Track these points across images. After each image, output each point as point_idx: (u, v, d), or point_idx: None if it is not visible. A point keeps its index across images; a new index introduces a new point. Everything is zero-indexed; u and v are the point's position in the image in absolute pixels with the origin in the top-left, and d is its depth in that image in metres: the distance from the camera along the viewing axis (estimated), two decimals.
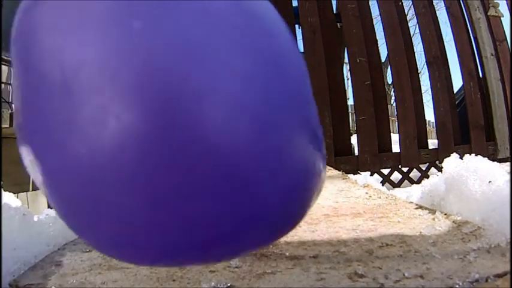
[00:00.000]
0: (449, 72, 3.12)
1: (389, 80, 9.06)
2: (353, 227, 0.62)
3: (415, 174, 3.05)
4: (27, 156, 0.23)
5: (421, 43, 3.17)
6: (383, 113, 3.10)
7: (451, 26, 3.21)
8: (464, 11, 3.24)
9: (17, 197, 1.08)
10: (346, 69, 4.89)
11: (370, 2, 3.23)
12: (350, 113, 3.94)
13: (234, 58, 0.21)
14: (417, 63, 3.18)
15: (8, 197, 0.99)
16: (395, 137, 3.07)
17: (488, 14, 3.19)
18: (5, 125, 1.08)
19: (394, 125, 5.55)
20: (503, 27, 3.21)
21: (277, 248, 0.52)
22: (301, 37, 3.20)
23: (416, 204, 0.75)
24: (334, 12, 3.28)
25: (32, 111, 0.22)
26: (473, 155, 0.75)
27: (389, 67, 5.98)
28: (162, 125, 0.19)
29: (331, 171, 1.62)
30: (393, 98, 3.83)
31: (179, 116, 0.19)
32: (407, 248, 0.49)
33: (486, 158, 0.71)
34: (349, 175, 1.41)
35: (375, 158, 3.00)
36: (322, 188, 0.28)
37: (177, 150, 0.19)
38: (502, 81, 3.06)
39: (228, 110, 0.20)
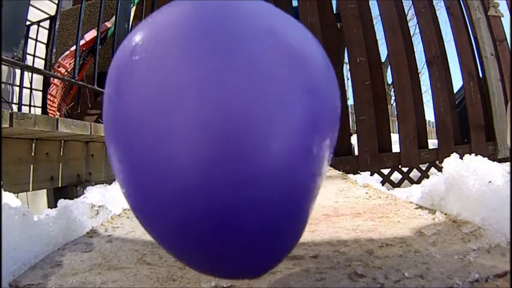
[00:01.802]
0: (449, 72, 3.12)
1: (389, 80, 9.05)
2: (353, 227, 0.62)
3: (415, 174, 3.04)
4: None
5: (421, 43, 3.17)
6: (383, 113, 3.10)
7: (451, 26, 3.20)
8: (464, 11, 3.24)
9: (17, 197, 1.08)
10: (346, 69, 4.89)
11: (370, 2, 3.23)
12: (350, 113, 3.94)
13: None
14: (417, 63, 3.18)
15: (8, 197, 0.99)
16: (395, 137, 3.07)
17: (488, 14, 3.19)
18: (5, 125, 1.08)
19: (394, 125, 5.54)
20: (503, 27, 3.21)
21: None
22: None
23: (416, 204, 0.75)
24: (334, 12, 3.29)
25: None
26: (473, 155, 0.75)
27: (389, 67, 5.98)
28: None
29: (331, 171, 1.62)
30: (393, 98, 3.83)
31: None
32: (407, 248, 0.49)
33: (486, 158, 0.71)
34: (349, 175, 1.41)
35: (375, 158, 3.00)
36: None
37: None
38: (502, 81, 3.06)
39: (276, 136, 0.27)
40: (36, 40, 2.42)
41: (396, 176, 3.05)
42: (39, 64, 2.40)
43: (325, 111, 0.30)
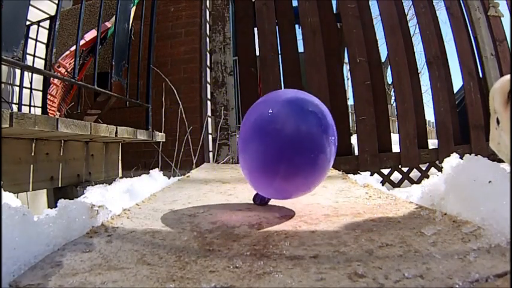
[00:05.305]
0: (449, 72, 3.12)
1: (389, 80, 9.05)
2: (353, 227, 0.62)
3: (415, 174, 3.04)
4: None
5: (421, 43, 3.17)
6: (383, 113, 3.10)
7: (451, 26, 3.20)
8: (464, 11, 3.24)
9: (17, 197, 1.08)
10: (346, 69, 4.89)
11: (370, 2, 3.23)
12: (350, 113, 3.94)
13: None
14: (417, 63, 3.18)
15: (8, 197, 0.99)
16: (395, 137, 3.07)
17: (488, 14, 3.19)
18: (5, 125, 1.07)
19: (394, 125, 5.54)
20: (503, 27, 3.21)
21: (277, 248, 0.52)
22: (301, 37, 3.20)
23: (416, 204, 0.75)
24: (334, 12, 3.29)
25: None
26: (473, 155, 0.75)
27: (389, 67, 5.98)
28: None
29: (331, 171, 1.62)
30: (393, 98, 3.83)
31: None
32: (407, 248, 0.49)
33: (486, 158, 0.71)
34: (349, 175, 1.41)
35: (374, 158, 3.00)
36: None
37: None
38: None
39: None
40: (36, 40, 2.42)
41: (396, 176, 3.05)
42: (39, 64, 2.41)
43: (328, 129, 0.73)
